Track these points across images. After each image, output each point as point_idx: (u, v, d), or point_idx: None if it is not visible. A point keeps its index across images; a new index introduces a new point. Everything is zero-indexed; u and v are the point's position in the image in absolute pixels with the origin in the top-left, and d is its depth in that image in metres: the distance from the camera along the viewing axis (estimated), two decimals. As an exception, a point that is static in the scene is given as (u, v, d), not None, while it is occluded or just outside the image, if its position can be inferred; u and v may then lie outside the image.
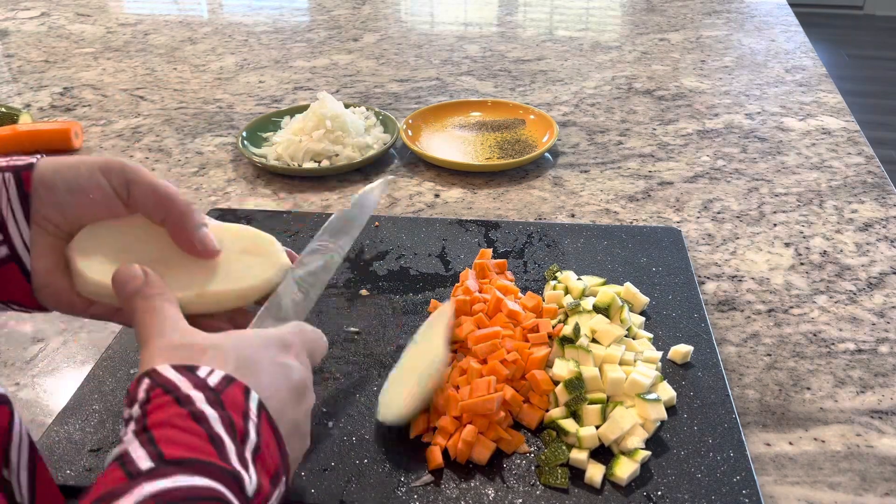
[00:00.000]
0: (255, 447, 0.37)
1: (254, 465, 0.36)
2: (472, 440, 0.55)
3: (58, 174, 0.46)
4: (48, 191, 0.46)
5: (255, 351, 0.42)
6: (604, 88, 1.24)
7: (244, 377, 0.39)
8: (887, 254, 0.80)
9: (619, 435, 0.55)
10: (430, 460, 0.55)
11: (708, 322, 0.68)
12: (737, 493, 0.52)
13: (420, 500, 0.53)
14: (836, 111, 1.13)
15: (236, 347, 0.41)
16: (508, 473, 0.55)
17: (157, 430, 0.34)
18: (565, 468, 0.54)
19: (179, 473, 0.33)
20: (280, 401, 0.41)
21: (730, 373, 0.65)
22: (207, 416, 0.36)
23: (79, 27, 1.59)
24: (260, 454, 0.37)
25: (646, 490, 0.53)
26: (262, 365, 0.41)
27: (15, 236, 0.46)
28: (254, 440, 0.37)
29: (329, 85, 1.28)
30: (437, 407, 0.58)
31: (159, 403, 0.36)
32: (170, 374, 0.37)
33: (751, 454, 0.56)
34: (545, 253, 0.78)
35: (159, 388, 0.37)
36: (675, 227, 0.83)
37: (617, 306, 0.64)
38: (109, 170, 0.47)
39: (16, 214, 0.45)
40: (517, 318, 0.65)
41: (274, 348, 0.43)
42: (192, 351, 0.40)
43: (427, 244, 0.80)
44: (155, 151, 1.06)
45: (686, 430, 0.57)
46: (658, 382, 0.60)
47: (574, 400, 0.57)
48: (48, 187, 0.46)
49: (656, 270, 0.75)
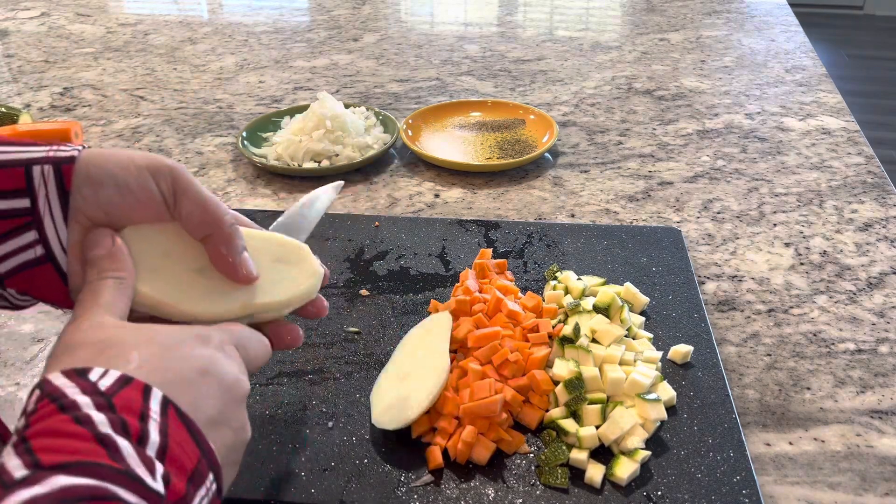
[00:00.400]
0: (161, 447, 0.34)
1: (162, 464, 0.34)
2: (472, 441, 0.55)
3: (105, 171, 0.44)
4: (93, 188, 0.43)
5: (165, 347, 0.39)
6: (604, 88, 1.24)
7: (148, 375, 0.37)
8: (887, 254, 0.80)
9: (619, 435, 0.55)
10: (430, 460, 0.55)
11: (708, 322, 0.68)
12: (737, 493, 0.52)
13: (420, 500, 0.53)
14: (836, 111, 1.13)
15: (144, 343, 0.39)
16: (508, 473, 0.55)
17: (36, 439, 0.32)
18: (565, 468, 0.54)
19: (59, 475, 0.31)
20: (195, 395, 0.38)
21: (730, 373, 0.65)
22: (93, 420, 0.33)
23: (79, 27, 1.59)
24: (169, 453, 0.35)
25: (646, 490, 0.53)
26: (172, 360, 0.39)
27: (51, 236, 0.43)
28: (156, 440, 0.34)
29: (329, 85, 1.28)
30: (437, 408, 0.58)
31: (43, 413, 0.34)
32: (59, 381, 0.35)
33: (751, 454, 0.56)
34: (545, 253, 0.78)
35: (46, 397, 0.34)
36: (675, 227, 0.83)
37: (617, 306, 0.64)
38: (159, 173, 0.45)
39: (53, 212, 0.43)
40: (517, 318, 0.65)
41: (190, 342, 0.41)
42: (91, 350, 0.38)
43: (427, 244, 0.80)
44: (155, 151, 1.06)
45: (686, 430, 0.57)
46: (658, 382, 0.60)
47: (574, 400, 0.57)
48: (94, 184, 0.43)
49: (656, 270, 0.75)
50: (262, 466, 0.55)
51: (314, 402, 0.61)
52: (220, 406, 0.40)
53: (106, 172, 0.44)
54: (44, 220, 0.43)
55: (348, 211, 0.91)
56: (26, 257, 0.43)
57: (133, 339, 0.39)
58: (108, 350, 0.38)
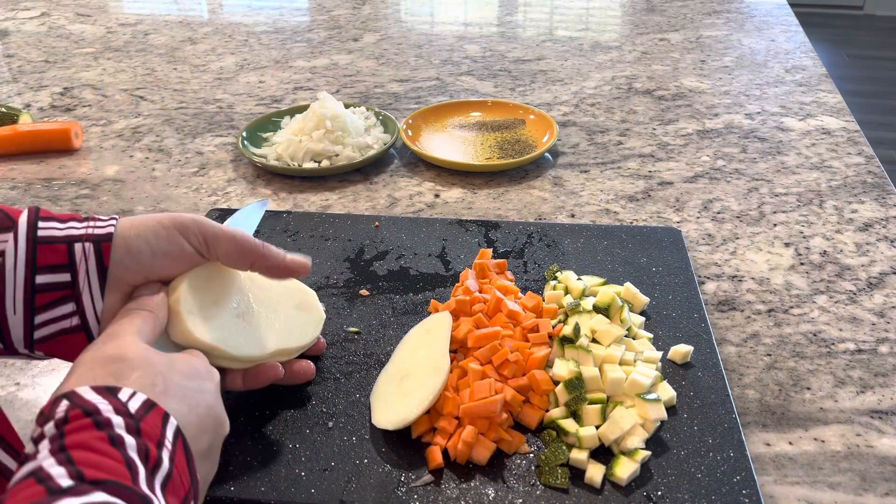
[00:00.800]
0: (167, 475, 0.37)
1: (162, 491, 0.37)
2: (472, 441, 0.55)
3: (141, 239, 0.49)
4: (133, 258, 0.49)
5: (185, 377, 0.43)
6: (604, 88, 1.24)
7: (167, 403, 0.40)
8: (887, 254, 0.80)
9: (620, 435, 0.55)
10: (430, 460, 0.55)
11: (708, 322, 0.68)
12: (737, 493, 0.52)
13: (420, 500, 0.53)
14: (836, 111, 1.13)
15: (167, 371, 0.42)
16: (508, 473, 0.55)
17: (76, 451, 0.35)
18: (565, 468, 0.54)
19: (99, 491, 0.33)
20: (199, 428, 0.42)
21: (730, 373, 0.65)
22: (125, 442, 0.36)
23: (79, 27, 1.59)
24: (171, 481, 0.37)
25: (646, 490, 0.53)
26: (185, 391, 0.42)
27: (88, 307, 0.48)
28: (166, 468, 0.37)
29: (329, 85, 1.28)
30: (437, 408, 0.58)
31: (78, 425, 0.36)
32: (90, 396, 0.38)
33: (751, 454, 0.56)
34: (545, 253, 0.78)
35: (78, 409, 0.37)
36: (676, 227, 0.83)
37: (617, 306, 0.64)
38: (187, 229, 0.51)
39: (91, 285, 0.47)
40: (517, 318, 0.65)
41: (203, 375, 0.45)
42: (122, 366, 0.41)
43: (427, 244, 0.80)
44: (155, 151, 1.06)
45: (686, 430, 0.57)
46: (658, 382, 0.60)
47: (574, 400, 0.57)
48: (133, 254, 0.49)
49: (656, 270, 0.75)
50: (262, 466, 0.55)
51: (314, 401, 0.61)
52: (212, 441, 0.44)
53: (143, 241, 0.49)
54: (82, 294, 0.47)
55: (348, 211, 0.91)
56: (62, 326, 0.47)
57: (158, 365, 0.43)
58: (137, 371, 0.41)
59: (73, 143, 1.06)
